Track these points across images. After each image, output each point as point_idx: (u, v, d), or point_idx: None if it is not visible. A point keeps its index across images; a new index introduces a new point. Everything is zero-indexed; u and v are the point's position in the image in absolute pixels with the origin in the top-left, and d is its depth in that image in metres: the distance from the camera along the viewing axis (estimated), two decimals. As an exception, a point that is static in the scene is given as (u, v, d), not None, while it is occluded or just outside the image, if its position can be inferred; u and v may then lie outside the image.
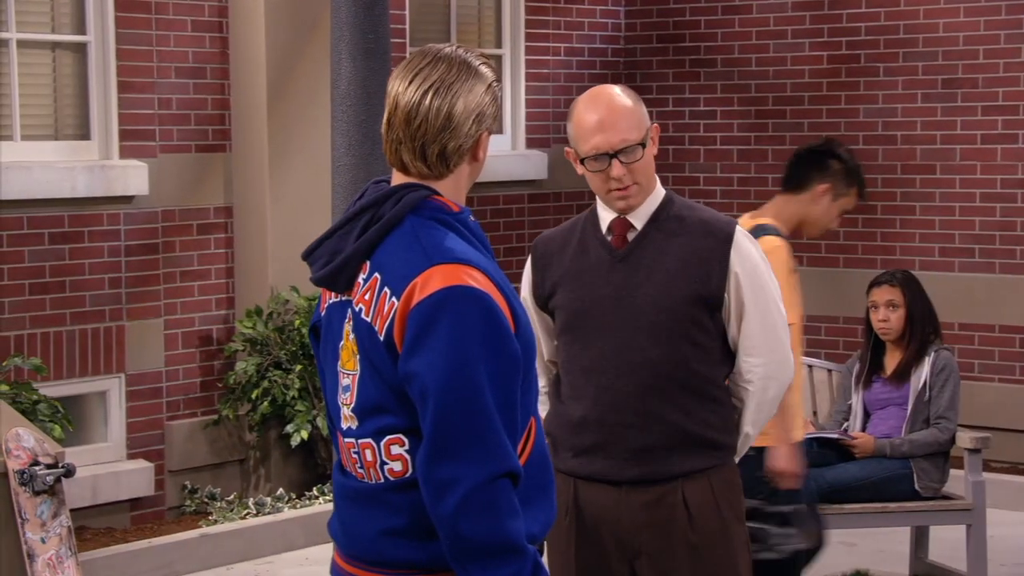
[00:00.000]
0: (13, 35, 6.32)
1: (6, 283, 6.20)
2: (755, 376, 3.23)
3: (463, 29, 8.11)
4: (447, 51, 2.47)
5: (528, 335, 2.44)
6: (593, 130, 3.18)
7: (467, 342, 2.32)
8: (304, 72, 6.93)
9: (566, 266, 3.29)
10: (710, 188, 8.57)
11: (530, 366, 2.44)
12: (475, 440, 2.30)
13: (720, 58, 8.47)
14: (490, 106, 2.47)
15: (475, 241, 2.46)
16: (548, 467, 2.49)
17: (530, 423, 2.44)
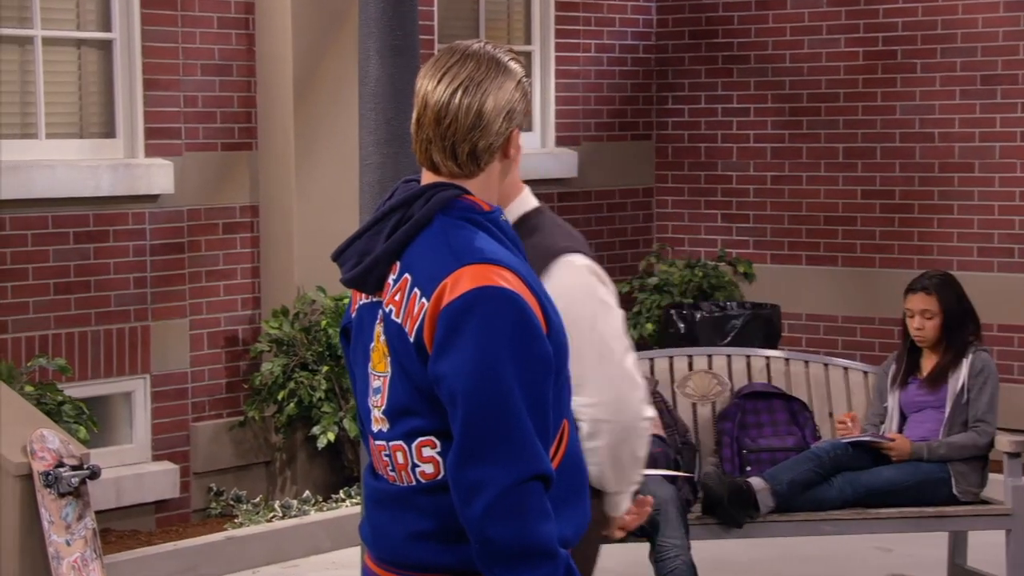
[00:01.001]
0: (38, 32, 6.36)
1: (31, 283, 6.24)
2: (584, 416, 2.85)
3: (492, 26, 8.12)
4: (475, 48, 2.47)
5: (561, 336, 2.43)
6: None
7: (497, 343, 2.32)
8: (331, 69, 6.95)
9: None
10: (743, 187, 8.56)
11: (562, 367, 2.44)
12: (504, 442, 2.30)
13: (753, 54, 8.45)
14: (520, 102, 2.47)
15: (506, 241, 2.46)
16: (581, 470, 2.49)
17: (563, 425, 2.44)
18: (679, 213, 8.77)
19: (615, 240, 8.63)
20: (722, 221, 8.64)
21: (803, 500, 5.23)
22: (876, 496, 5.29)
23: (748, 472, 5.42)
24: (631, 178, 8.71)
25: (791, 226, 8.42)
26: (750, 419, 5.62)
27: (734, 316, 7.84)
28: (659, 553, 4.94)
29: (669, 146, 8.78)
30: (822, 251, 8.33)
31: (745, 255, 8.52)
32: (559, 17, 8.27)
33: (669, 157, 8.79)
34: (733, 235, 8.60)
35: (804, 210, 8.37)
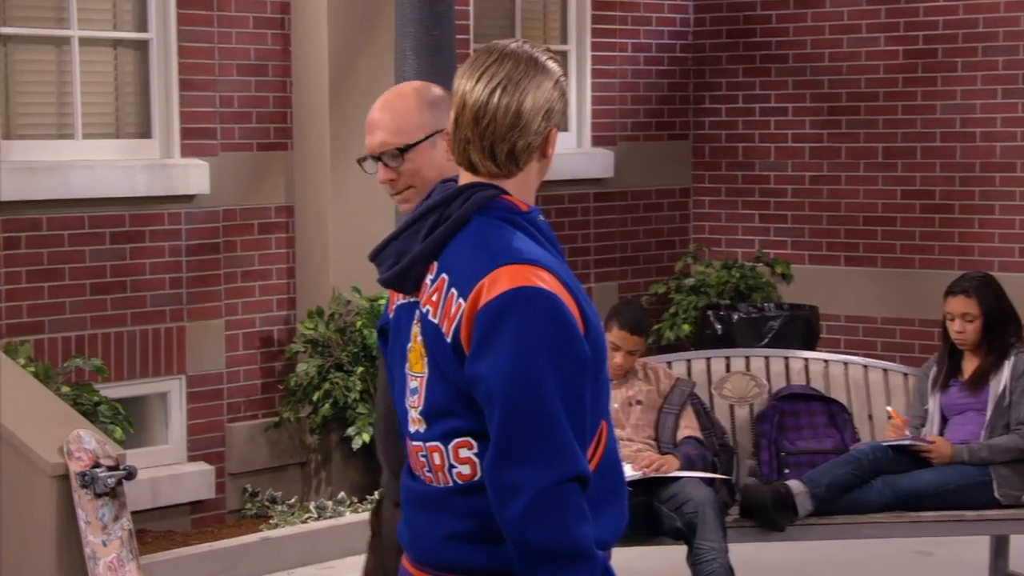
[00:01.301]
0: (75, 32, 6.40)
1: (67, 283, 6.28)
2: None
3: (528, 25, 8.12)
4: (513, 47, 2.47)
5: (598, 337, 2.43)
6: (367, 128, 3.11)
7: (534, 344, 2.32)
8: (367, 69, 6.97)
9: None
10: (780, 187, 8.53)
11: (600, 368, 2.44)
12: (542, 444, 2.30)
13: (792, 53, 8.42)
14: (558, 102, 2.46)
15: (544, 241, 2.46)
16: (619, 472, 2.49)
17: (601, 427, 2.44)
18: (716, 213, 8.75)
19: (651, 241, 8.61)
20: (760, 221, 8.61)
21: (842, 503, 5.21)
22: (916, 499, 5.25)
23: (786, 475, 5.40)
24: (668, 178, 8.69)
25: (830, 226, 8.38)
26: (788, 421, 5.60)
27: (772, 317, 7.82)
28: (696, 556, 4.93)
29: (706, 146, 8.76)
30: (861, 252, 8.29)
31: (783, 256, 8.49)
32: (595, 16, 8.26)
33: (706, 157, 8.77)
34: (771, 235, 8.57)
35: (843, 210, 8.33)
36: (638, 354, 5.44)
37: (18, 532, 4.85)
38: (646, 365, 5.52)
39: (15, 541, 4.85)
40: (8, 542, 4.89)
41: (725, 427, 5.63)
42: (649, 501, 5.02)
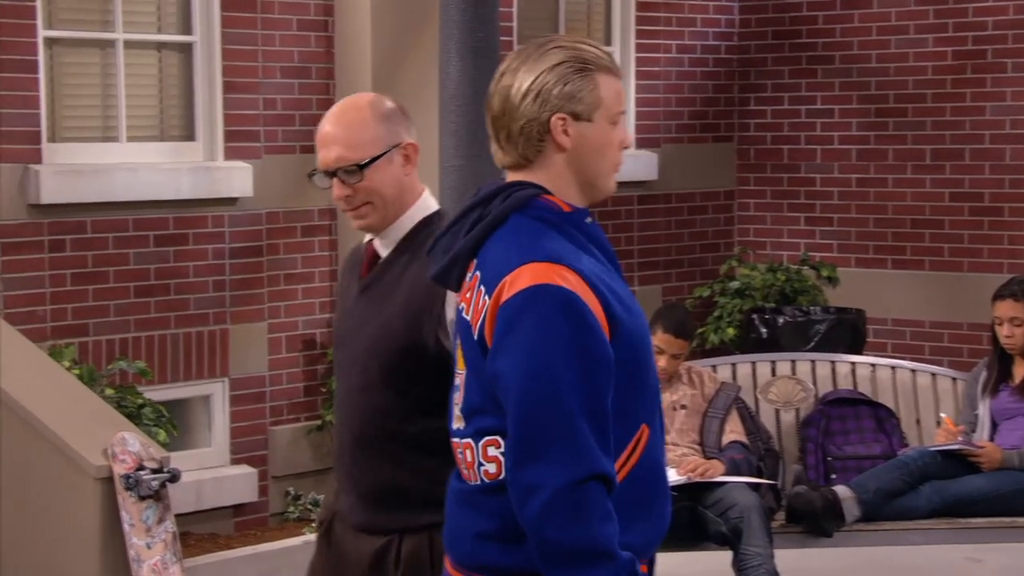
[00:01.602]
0: (120, 35, 6.44)
1: (111, 286, 6.33)
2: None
3: (571, 26, 8.11)
4: (540, 39, 2.52)
5: (635, 340, 2.42)
6: (320, 142, 3.02)
7: (550, 342, 2.32)
8: (410, 72, 6.98)
9: (343, 287, 3.15)
10: (827, 189, 8.49)
11: (639, 371, 2.42)
12: (559, 442, 2.30)
13: (839, 54, 8.38)
14: (555, 86, 2.45)
15: (586, 243, 2.46)
16: (659, 478, 2.48)
17: (640, 431, 2.44)
18: (761, 216, 8.72)
19: (696, 243, 8.58)
20: (805, 224, 8.57)
21: (890, 509, 5.18)
22: (966, 505, 5.22)
23: (833, 480, 5.38)
24: (712, 180, 8.67)
25: (876, 229, 8.33)
26: (835, 426, 5.58)
27: (818, 321, 7.78)
28: (742, 561, 4.91)
29: (751, 148, 8.73)
30: (909, 255, 8.24)
31: (829, 259, 8.45)
32: (640, 17, 8.25)
33: (751, 159, 8.73)
34: (816, 238, 8.52)
35: (890, 213, 8.28)
36: (682, 358, 5.43)
37: (62, 534, 4.89)
38: (690, 369, 5.51)
39: (60, 543, 4.89)
40: (53, 544, 4.92)
41: (770, 431, 5.61)
42: (694, 506, 5.01)
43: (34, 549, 5.01)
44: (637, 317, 2.46)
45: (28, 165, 6.07)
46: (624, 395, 2.41)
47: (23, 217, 6.07)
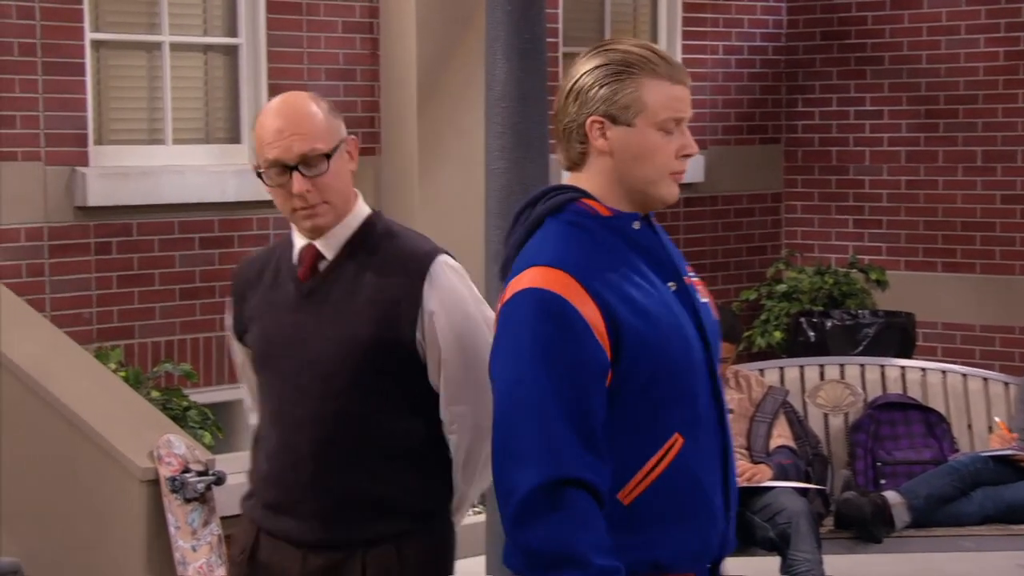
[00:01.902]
0: (166, 38, 6.49)
1: (157, 288, 6.36)
2: (458, 425, 2.86)
3: (617, 27, 8.10)
4: (601, 41, 2.59)
5: (655, 350, 2.40)
6: (273, 138, 2.83)
7: (527, 347, 2.34)
8: (456, 73, 6.99)
9: (259, 299, 2.96)
10: (876, 192, 8.44)
11: (664, 379, 2.41)
12: (533, 445, 2.31)
13: (888, 55, 8.33)
14: (591, 88, 2.45)
15: (625, 249, 2.45)
16: (694, 493, 2.44)
17: (671, 441, 2.41)
18: (809, 219, 8.67)
19: (742, 246, 8.55)
20: (854, 227, 8.52)
21: (941, 515, 5.15)
22: (1018, 511, 5.18)
23: (883, 485, 5.35)
24: (759, 183, 8.63)
25: (926, 232, 8.28)
26: (885, 431, 5.54)
27: (866, 324, 7.73)
28: (790, 567, 4.89)
29: (799, 150, 8.69)
30: (959, 258, 8.17)
31: (878, 262, 8.40)
32: (686, 19, 8.22)
33: (799, 161, 8.69)
34: (865, 241, 8.48)
35: (940, 215, 8.23)
36: (729, 361, 5.41)
37: (108, 537, 4.92)
38: (737, 373, 5.48)
39: (105, 546, 4.92)
40: (98, 547, 4.95)
41: (819, 436, 5.58)
42: (742, 511, 4.98)
43: (80, 551, 5.04)
44: (665, 327, 2.42)
45: (75, 168, 6.12)
46: (645, 404, 2.39)
47: (70, 219, 6.12)
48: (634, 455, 2.39)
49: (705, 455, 2.46)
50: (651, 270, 2.47)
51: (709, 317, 2.53)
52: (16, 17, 5.97)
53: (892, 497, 5.13)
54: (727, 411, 2.54)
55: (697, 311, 2.50)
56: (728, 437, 2.51)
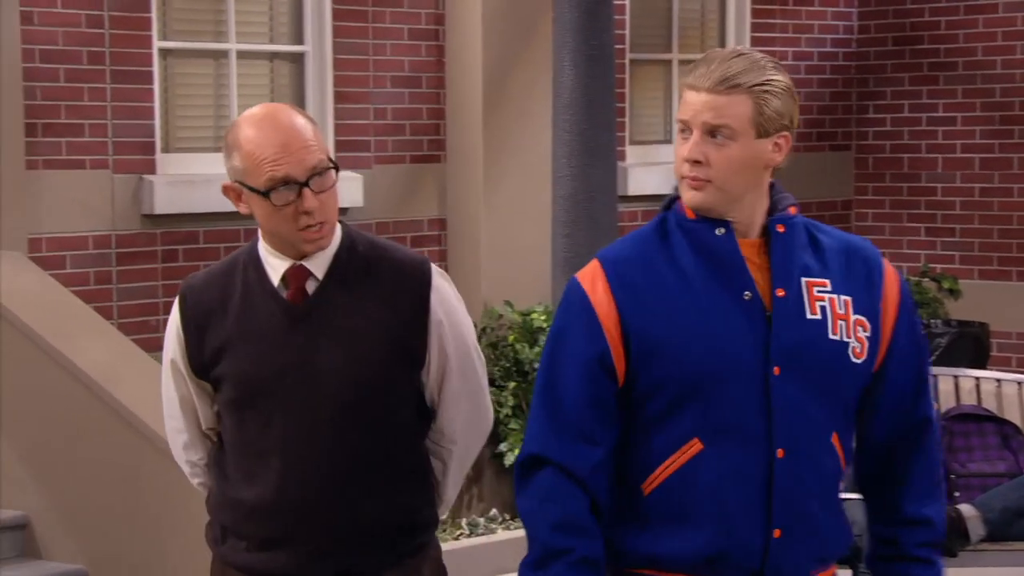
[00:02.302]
0: (233, 46, 6.54)
1: (223, 296, 6.41)
2: (459, 434, 2.87)
3: (685, 34, 8.08)
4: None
5: (663, 352, 2.45)
6: (279, 153, 2.65)
7: (550, 333, 2.56)
8: (521, 80, 7.00)
9: (229, 326, 2.76)
10: (948, 199, 8.36)
11: (688, 387, 2.45)
12: (529, 420, 2.54)
13: (961, 60, 8.25)
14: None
15: (692, 253, 2.49)
16: (697, 498, 2.47)
17: (687, 445, 2.46)
18: (880, 227, 8.60)
19: (812, 255, 8.50)
20: (926, 235, 8.45)
21: (1017, 528, 5.08)
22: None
23: (956, 498, 5.28)
24: (829, 190, 8.58)
25: (1001, 240, 8.18)
26: (959, 443, 5.48)
27: (939, 334, 7.66)
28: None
29: (870, 157, 8.62)
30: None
31: (951, 271, 8.32)
32: (755, 24, 8.19)
33: (869, 168, 8.63)
34: (938, 250, 8.40)
35: (1015, 223, 8.13)
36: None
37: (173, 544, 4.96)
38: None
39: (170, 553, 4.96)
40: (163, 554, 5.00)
41: (891, 448, 5.53)
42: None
43: (144, 558, 5.09)
44: (689, 333, 2.45)
45: (142, 175, 6.19)
46: (660, 403, 2.47)
47: (136, 227, 6.18)
48: (657, 450, 2.48)
49: (733, 466, 2.47)
50: (716, 278, 2.48)
51: (788, 332, 2.48)
52: (85, 26, 6.04)
53: (966, 510, 5.07)
54: (792, 426, 2.47)
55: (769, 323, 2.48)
56: (784, 454, 2.47)
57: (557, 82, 4.38)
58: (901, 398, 2.57)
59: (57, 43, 5.98)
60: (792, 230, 2.53)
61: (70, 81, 6.02)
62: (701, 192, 2.49)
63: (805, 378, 2.48)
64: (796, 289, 2.49)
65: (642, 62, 7.86)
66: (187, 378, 2.83)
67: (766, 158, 2.52)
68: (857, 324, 2.51)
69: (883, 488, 2.62)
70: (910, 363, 2.58)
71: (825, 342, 2.49)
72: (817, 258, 2.53)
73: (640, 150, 7.61)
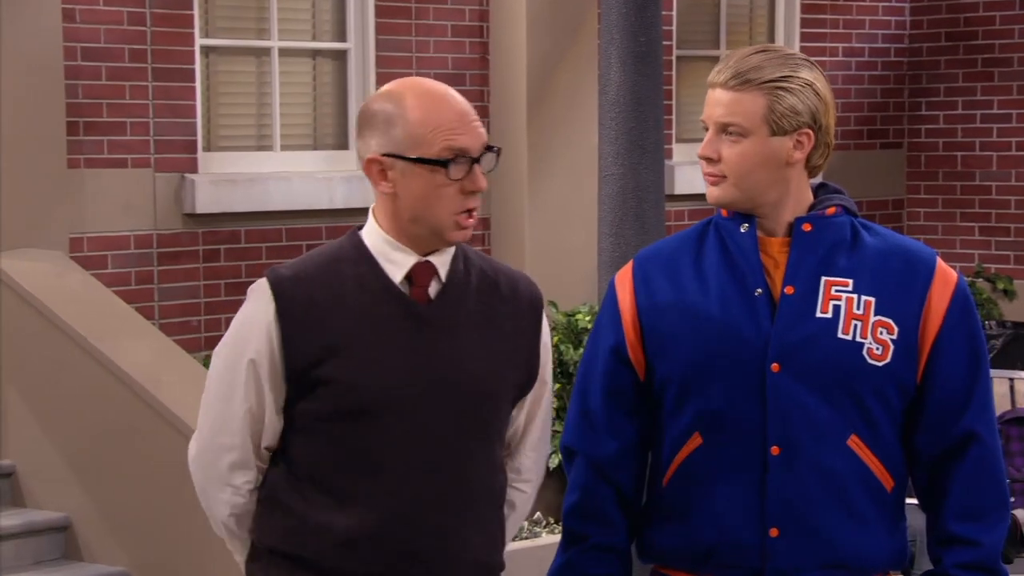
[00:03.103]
0: (275, 43, 6.57)
1: (265, 296, 6.44)
2: (534, 473, 2.66)
3: (733, 30, 8.06)
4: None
5: (668, 345, 2.50)
6: (459, 122, 2.43)
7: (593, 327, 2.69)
8: (566, 78, 7.00)
9: (341, 325, 2.44)
10: (1003, 198, 8.30)
11: (693, 383, 2.49)
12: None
13: (1017, 56, 8.20)
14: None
15: (726, 250, 2.52)
16: (690, 494, 2.51)
17: (690, 440, 2.50)
18: (932, 226, 8.56)
19: (863, 255, 8.47)
20: (980, 235, 8.39)
21: (1074, 536, 5.05)
22: None
23: (1012, 504, 5.25)
24: (881, 189, 8.54)
25: (1057, 240, 8.13)
26: (1015, 447, 5.45)
27: (994, 336, 7.61)
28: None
29: (922, 155, 8.57)
30: (1091, 267, 8.02)
31: (1005, 271, 8.26)
32: (805, 20, 8.16)
33: (922, 167, 8.58)
34: (992, 249, 8.34)
35: (1072, 223, 8.08)
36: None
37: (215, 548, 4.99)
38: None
39: (213, 556, 5.00)
40: (206, 557, 5.03)
41: (944, 452, 5.51)
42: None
43: (188, 561, 5.12)
44: (693, 327, 2.48)
45: (184, 174, 6.23)
46: (669, 397, 2.52)
47: (178, 227, 6.22)
48: (669, 444, 2.54)
49: (727, 463, 2.48)
50: (732, 274, 2.51)
51: (791, 329, 2.47)
52: (127, 23, 6.09)
53: (1022, 516, 5.04)
54: (790, 424, 2.46)
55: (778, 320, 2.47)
56: (780, 452, 2.46)
57: (604, 79, 4.37)
58: (944, 409, 2.52)
59: (99, 41, 6.02)
60: (824, 229, 2.52)
61: (112, 79, 6.07)
62: (718, 188, 2.52)
63: (809, 377, 2.46)
64: (810, 287, 2.49)
65: (690, 59, 7.85)
66: (268, 383, 2.47)
67: (786, 156, 2.51)
68: (878, 325, 2.47)
69: (931, 503, 2.58)
70: (957, 373, 2.51)
71: (832, 341, 2.47)
72: (850, 258, 2.51)
73: (687, 148, 7.60)
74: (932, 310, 2.51)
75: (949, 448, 2.54)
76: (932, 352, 2.51)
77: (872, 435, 2.50)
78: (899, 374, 2.49)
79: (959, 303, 2.53)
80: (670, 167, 7.19)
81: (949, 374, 2.51)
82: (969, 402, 2.52)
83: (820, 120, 2.52)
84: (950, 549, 2.54)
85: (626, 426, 2.56)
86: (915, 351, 2.50)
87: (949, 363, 2.51)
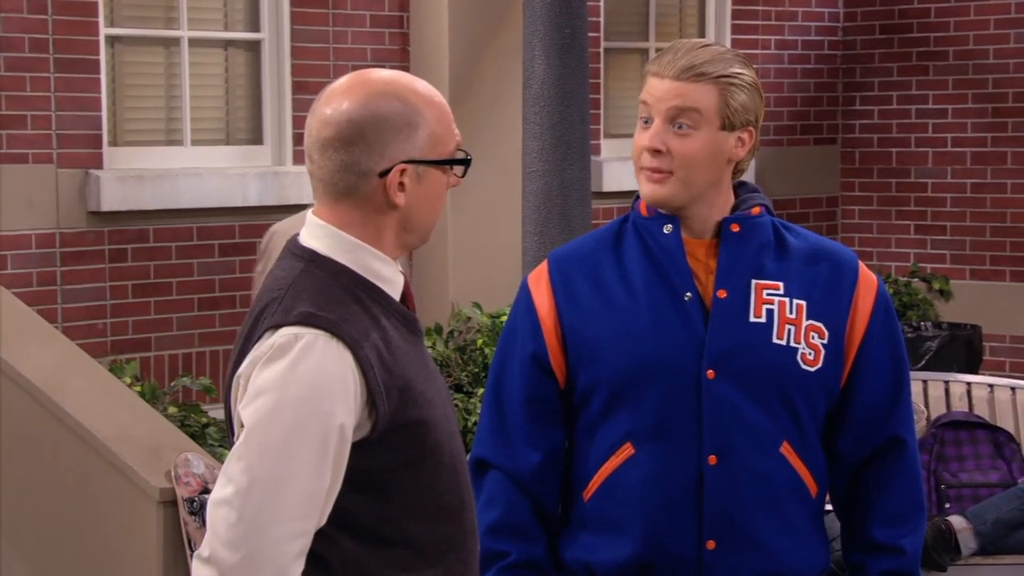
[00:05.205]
0: (185, 33, 6.52)
1: (175, 298, 6.39)
2: None
3: (663, 21, 8.10)
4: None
5: (593, 352, 2.49)
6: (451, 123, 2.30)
7: (502, 331, 2.67)
8: (490, 70, 7.00)
9: (404, 362, 2.20)
10: (939, 195, 8.40)
11: (625, 388, 2.48)
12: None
13: (952, 50, 8.30)
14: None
15: (638, 250, 2.54)
16: (624, 505, 2.49)
17: (621, 450, 2.49)
18: (867, 224, 8.64)
19: (796, 254, 8.53)
20: (915, 233, 8.49)
21: (1010, 542, 5.11)
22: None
23: (947, 509, 5.32)
24: (814, 186, 8.61)
25: (994, 239, 8.23)
26: (950, 451, 5.51)
27: (929, 338, 7.70)
28: (848, 598, 4.86)
29: (856, 151, 8.66)
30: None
31: (941, 270, 8.36)
32: (736, 11, 8.22)
33: (856, 163, 8.66)
34: (928, 248, 8.44)
35: (1008, 221, 8.18)
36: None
37: (123, 561, 4.95)
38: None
39: (120, 569, 4.95)
40: (112, 570, 4.98)
41: (879, 457, 5.56)
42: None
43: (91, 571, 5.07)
44: (620, 334, 2.48)
45: (88, 170, 6.16)
46: (595, 406, 2.50)
47: (83, 225, 6.16)
48: (594, 455, 2.51)
49: (661, 471, 2.48)
50: (658, 277, 2.51)
51: (726, 334, 2.48)
52: (27, 11, 6.02)
53: (957, 522, 5.10)
54: (726, 432, 2.47)
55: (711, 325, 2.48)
56: (717, 461, 2.47)
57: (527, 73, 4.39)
58: (870, 414, 2.54)
59: (-2, 30, 5.96)
60: (751, 230, 2.54)
61: (11, 70, 6.00)
62: (661, 185, 2.50)
63: (744, 383, 2.47)
64: (742, 291, 2.50)
65: (618, 51, 7.88)
66: (348, 447, 2.12)
67: (729, 152, 2.53)
68: (810, 330, 2.49)
69: (852, 509, 2.59)
70: (882, 378, 2.54)
71: (767, 346, 2.48)
72: (777, 260, 2.53)
73: (616, 144, 7.63)
74: (858, 314, 2.54)
75: (873, 453, 2.56)
76: (858, 356, 2.53)
77: (801, 442, 2.52)
78: (828, 379, 2.52)
79: (882, 306, 2.56)
80: (597, 164, 7.21)
81: (876, 379, 2.54)
82: (895, 407, 2.56)
83: (759, 121, 2.55)
84: (877, 556, 2.56)
85: (547, 437, 2.54)
86: (842, 356, 2.52)
87: (875, 367, 2.54)
